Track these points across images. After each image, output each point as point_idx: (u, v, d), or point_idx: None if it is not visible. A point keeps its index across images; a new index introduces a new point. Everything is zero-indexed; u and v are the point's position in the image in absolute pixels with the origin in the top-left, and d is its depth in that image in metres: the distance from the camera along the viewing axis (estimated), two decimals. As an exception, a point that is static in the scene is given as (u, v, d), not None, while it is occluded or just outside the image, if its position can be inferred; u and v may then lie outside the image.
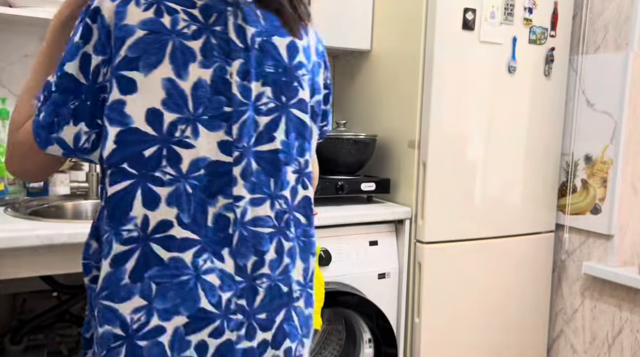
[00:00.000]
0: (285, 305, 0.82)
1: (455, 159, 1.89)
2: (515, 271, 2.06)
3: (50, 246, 1.34)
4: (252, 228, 0.79)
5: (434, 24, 1.80)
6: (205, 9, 0.76)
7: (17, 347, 1.76)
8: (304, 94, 0.84)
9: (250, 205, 0.79)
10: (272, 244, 0.81)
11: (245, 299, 0.79)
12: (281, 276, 0.82)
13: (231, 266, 0.78)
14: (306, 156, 0.85)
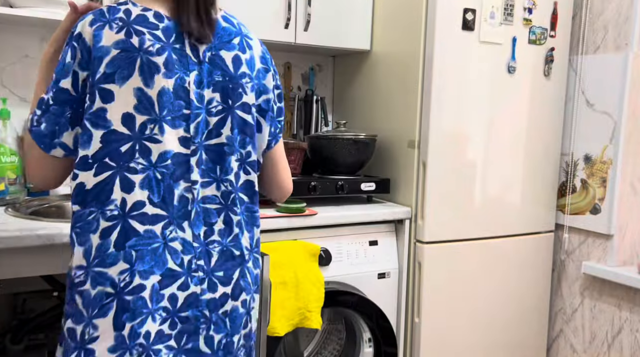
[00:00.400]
0: (239, 265, 1.05)
1: (455, 159, 1.89)
2: (515, 270, 2.07)
3: (51, 246, 1.34)
4: (203, 205, 1.01)
5: (433, 24, 1.80)
6: (166, 30, 0.96)
7: (18, 347, 1.76)
8: (248, 99, 1.04)
9: (201, 187, 1.00)
10: (220, 217, 1.03)
11: (202, 260, 1.00)
12: (232, 242, 1.04)
13: (189, 234, 0.99)
14: (248, 148, 1.06)
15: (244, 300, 1.06)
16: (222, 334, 1.02)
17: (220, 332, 1.01)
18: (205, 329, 0.99)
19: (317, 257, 1.68)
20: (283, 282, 1.58)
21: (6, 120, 1.70)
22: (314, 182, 1.81)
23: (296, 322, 1.62)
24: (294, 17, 1.94)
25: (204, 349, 0.99)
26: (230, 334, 1.03)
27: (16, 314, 1.85)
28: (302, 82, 2.33)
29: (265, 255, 1.34)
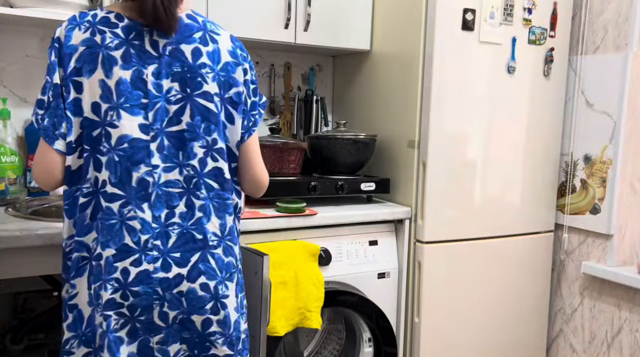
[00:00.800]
0: (200, 249, 1.10)
1: (455, 159, 1.89)
2: (514, 270, 2.07)
3: (51, 246, 1.34)
4: (165, 188, 1.08)
5: (433, 25, 1.80)
6: (126, 28, 1.07)
7: (18, 346, 1.76)
8: (208, 88, 1.10)
9: (163, 171, 1.08)
10: (181, 201, 1.09)
11: (159, 240, 1.07)
12: (194, 226, 1.10)
13: (149, 215, 1.07)
14: (213, 135, 1.11)
15: (204, 284, 1.09)
16: (178, 311, 1.08)
17: (175, 310, 1.08)
18: (159, 306, 1.07)
19: (317, 257, 1.68)
20: (283, 282, 1.58)
21: (6, 120, 1.70)
22: (314, 182, 1.81)
23: (296, 322, 1.62)
24: (294, 17, 1.94)
25: (158, 322, 1.08)
26: (187, 311, 1.08)
27: (16, 314, 1.85)
28: (302, 82, 2.33)
29: (265, 255, 1.34)
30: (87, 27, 1.07)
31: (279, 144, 1.82)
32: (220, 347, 1.13)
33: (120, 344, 1.07)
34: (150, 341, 1.09)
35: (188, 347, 1.11)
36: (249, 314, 1.37)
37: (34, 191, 1.78)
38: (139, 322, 1.07)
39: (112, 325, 1.06)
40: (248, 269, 1.36)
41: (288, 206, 1.70)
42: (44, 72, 1.87)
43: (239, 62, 1.16)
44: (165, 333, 1.09)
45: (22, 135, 1.82)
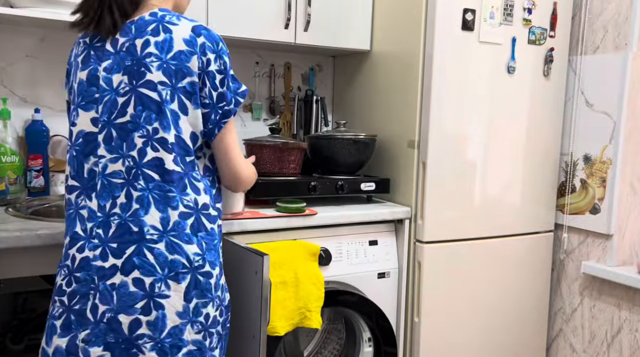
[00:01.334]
0: (136, 242, 1.08)
1: (455, 159, 1.89)
2: (514, 270, 2.07)
3: (51, 246, 1.34)
4: (110, 179, 1.11)
5: (433, 25, 1.80)
6: (94, 35, 1.15)
7: (18, 346, 1.76)
8: (152, 77, 1.09)
9: (109, 162, 1.11)
10: (122, 192, 1.10)
11: (101, 229, 1.09)
12: (131, 218, 1.09)
13: (95, 204, 1.11)
14: (154, 124, 1.09)
15: (138, 279, 1.06)
16: (107, 307, 1.06)
17: (105, 304, 1.06)
18: (93, 296, 1.07)
19: (317, 257, 1.68)
20: (283, 282, 1.58)
21: (6, 120, 1.70)
22: (313, 182, 1.81)
23: (296, 322, 1.62)
24: (294, 17, 1.94)
25: (87, 316, 1.07)
26: (115, 310, 1.06)
27: (16, 314, 1.86)
28: (302, 82, 2.33)
29: (265, 255, 1.34)
30: (77, 44, 1.19)
31: (279, 144, 1.83)
32: (148, 353, 1.06)
33: (54, 334, 1.10)
34: (77, 337, 1.08)
35: (112, 354, 1.06)
36: (249, 314, 1.37)
37: (34, 191, 1.78)
38: (72, 314, 1.08)
39: (54, 311, 1.12)
40: (248, 269, 1.37)
41: (288, 205, 1.70)
42: (44, 72, 1.87)
43: (195, 51, 1.10)
44: (92, 330, 1.07)
45: (22, 135, 1.82)
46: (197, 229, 1.12)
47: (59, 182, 1.91)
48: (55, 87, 1.89)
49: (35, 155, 1.77)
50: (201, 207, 1.14)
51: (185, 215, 1.11)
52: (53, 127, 1.87)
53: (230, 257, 1.48)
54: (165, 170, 1.09)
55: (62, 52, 1.89)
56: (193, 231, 1.12)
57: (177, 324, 1.08)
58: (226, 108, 1.15)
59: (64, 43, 1.89)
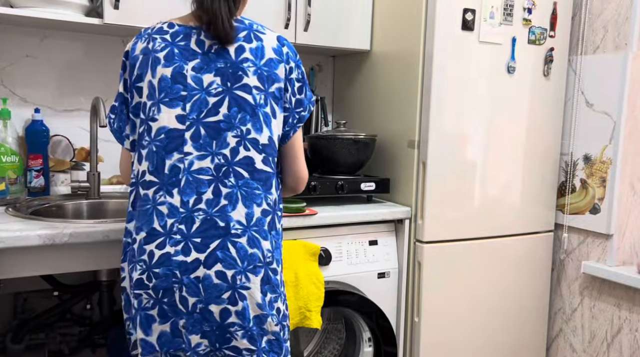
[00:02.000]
0: (221, 236, 1.11)
1: (455, 159, 1.89)
2: (514, 270, 2.07)
3: (51, 246, 1.34)
4: (196, 175, 1.13)
5: (433, 24, 1.80)
6: (174, 33, 1.18)
7: (18, 346, 1.76)
8: (248, 81, 1.16)
9: (196, 159, 1.13)
10: (209, 188, 1.13)
11: (184, 225, 1.11)
12: (218, 213, 1.12)
13: (177, 200, 1.12)
14: (248, 125, 1.15)
15: (220, 272, 1.10)
16: (196, 299, 1.11)
17: (194, 296, 1.10)
18: (178, 289, 1.10)
19: (317, 256, 1.68)
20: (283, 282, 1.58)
21: (7, 120, 1.70)
22: (314, 182, 1.81)
23: (296, 322, 1.62)
24: (294, 17, 1.94)
25: (179, 307, 1.11)
26: (204, 301, 1.11)
27: (17, 314, 1.86)
28: (302, 82, 2.33)
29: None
30: (146, 38, 1.19)
31: (279, 144, 1.82)
32: (240, 340, 1.13)
33: (153, 322, 1.12)
34: (179, 323, 1.12)
35: (209, 342, 1.13)
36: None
37: (34, 190, 1.78)
38: (164, 305, 1.12)
39: (143, 303, 1.13)
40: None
41: (288, 205, 1.70)
42: (44, 72, 1.87)
43: (282, 60, 1.20)
44: (187, 319, 1.12)
45: (23, 135, 1.82)
46: (271, 227, 1.18)
47: (59, 182, 1.91)
48: (55, 87, 1.89)
49: (35, 155, 1.78)
50: (277, 207, 1.21)
51: (266, 212, 1.17)
52: (53, 127, 1.88)
53: (230, 257, 1.48)
54: (255, 168, 1.15)
55: (62, 52, 1.89)
56: (269, 228, 1.17)
57: (258, 314, 1.14)
58: (302, 113, 1.25)
59: (64, 43, 1.89)
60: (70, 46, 1.90)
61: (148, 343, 1.14)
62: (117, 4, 1.65)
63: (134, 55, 1.20)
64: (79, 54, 1.91)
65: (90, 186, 1.79)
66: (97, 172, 1.80)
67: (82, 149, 1.93)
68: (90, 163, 1.80)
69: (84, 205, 1.78)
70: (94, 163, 1.80)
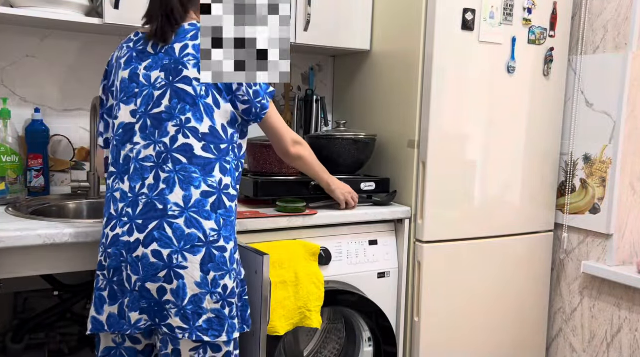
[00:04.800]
0: (158, 218, 1.19)
1: (455, 158, 1.89)
2: (514, 270, 2.07)
3: (51, 246, 1.34)
4: (142, 163, 1.24)
5: (433, 24, 1.80)
6: (137, 41, 1.33)
7: (19, 346, 1.76)
8: (188, 73, 1.25)
9: (143, 148, 1.24)
10: (151, 174, 1.22)
11: (130, 208, 1.21)
12: (157, 196, 1.21)
13: (127, 187, 1.24)
14: (188, 115, 1.24)
15: (156, 251, 1.17)
16: (137, 277, 1.18)
17: (135, 274, 1.19)
18: (125, 268, 1.20)
19: (317, 256, 1.68)
20: (283, 282, 1.58)
21: (7, 120, 1.70)
22: (314, 182, 1.81)
23: (296, 322, 1.62)
24: (294, 17, 1.94)
25: (126, 285, 1.20)
26: (142, 279, 1.18)
27: (17, 314, 1.86)
28: (302, 82, 2.33)
29: (265, 254, 1.34)
30: (119, 48, 1.35)
31: (279, 143, 1.82)
32: (173, 318, 1.18)
33: (104, 303, 1.22)
34: (124, 303, 1.21)
35: (149, 316, 1.20)
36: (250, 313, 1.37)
37: (34, 190, 1.78)
38: (115, 285, 1.21)
39: (99, 284, 1.24)
40: (248, 268, 1.37)
41: (288, 205, 1.70)
42: (44, 72, 1.87)
43: None
44: (129, 297, 1.20)
45: (23, 135, 1.82)
46: (217, 207, 1.23)
47: (59, 182, 1.91)
48: (55, 87, 1.89)
49: (35, 155, 1.78)
50: (223, 187, 1.25)
51: (207, 193, 1.22)
52: (53, 127, 1.88)
53: (230, 257, 1.48)
54: (194, 155, 1.23)
55: (62, 52, 1.89)
56: (213, 208, 1.22)
57: (197, 293, 1.18)
58: (263, 102, 1.33)
59: (64, 43, 1.89)
60: (70, 46, 1.90)
61: (98, 321, 1.23)
62: (117, 4, 1.65)
63: (111, 63, 1.37)
64: (79, 54, 1.91)
65: (90, 186, 1.79)
66: (97, 172, 1.80)
67: (82, 149, 1.93)
68: (90, 163, 1.80)
69: (84, 205, 1.78)
70: (94, 163, 1.80)
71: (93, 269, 1.48)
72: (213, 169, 1.24)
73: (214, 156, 1.25)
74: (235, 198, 1.30)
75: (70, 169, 1.91)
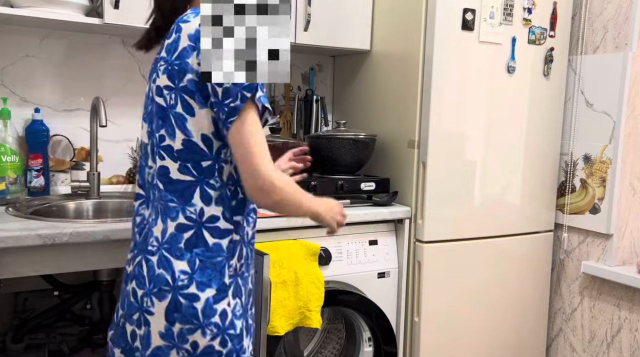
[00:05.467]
0: (141, 251, 1.05)
1: (455, 158, 1.89)
2: (514, 270, 2.07)
3: (51, 246, 1.34)
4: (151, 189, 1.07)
5: (433, 24, 1.80)
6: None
7: (18, 346, 1.76)
8: (159, 81, 1.02)
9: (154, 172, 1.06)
10: (150, 202, 1.08)
11: (138, 235, 1.09)
12: (147, 228, 1.06)
13: (147, 213, 1.08)
14: (161, 132, 1.02)
15: (134, 290, 1.03)
16: (122, 312, 1.06)
17: (122, 309, 1.07)
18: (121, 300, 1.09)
19: (317, 256, 1.68)
20: (283, 282, 1.58)
21: (7, 120, 1.70)
22: (314, 182, 1.81)
23: (296, 322, 1.62)
24: (294, 17, 1.94)
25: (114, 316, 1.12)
26: (124, 316, 1.05)
27: (17, 313, 1.86)
28: (302, 82, 2.33)
29: (265, 254, 1.34)
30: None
31: (279, 143, 1.83)
32: None
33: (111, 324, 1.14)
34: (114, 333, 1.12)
35: None
36: (249, 314, 1.36)
37: (34, 190, 1.78)
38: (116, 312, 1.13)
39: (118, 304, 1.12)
40: (248, 268, 1.37)
41: (288, 205, 1.70)
42: (44, 72, 1.87)
43: (197, 46, 0.97)
44: (115, 330, 1.10)
45: (23, 135, 1.82)
46: (192, 245, 1.01)
47: (59, 182, 1.91)
48: (55, 87, 1.89)
49: (35, 155, 1.78)
50: (206, 220, 1.01)
51: (182, 227, 1.01)
52: (53, 127, 1.88)
53: (230, 257, 1.48)
54: (170, 179, 1.02)
55: (62, 52, 1.89)
56: (187, 246, 1.00)
57: (160, 345, 0.99)
58: (232, 105, 0.96)
59: (64, 43, 1.89)
60: (70, 46, 1.90)
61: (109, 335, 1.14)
62: (117, 4, 1.65)
63: None
64: (79, 53, 1.91)
65: (90, 186, 1.79)
66: (97, 172, 1.80)
67: (82, 149, 1.93)
68: (90, 163, 1.80)
69: (84, 205, 1.78)
70: (94, 163, 1.80)
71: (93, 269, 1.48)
72: (192, 196, 1.01)
73: (193, 178, 1.01)
74: (228, 234, 1.03)
75: (70, 169, 1.91)
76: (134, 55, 1.99)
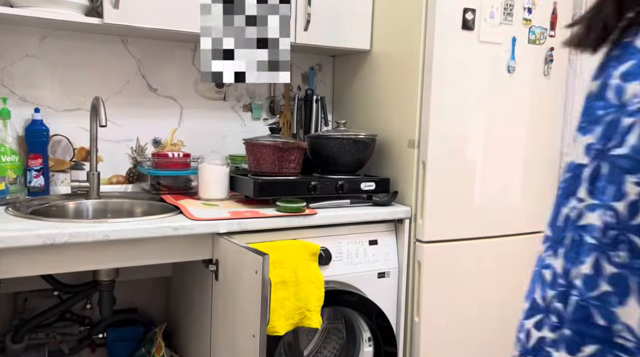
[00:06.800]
0: (598, 340, 0.63)
1: (455, 158, 1.89)
2: (514, 270, 2.07)
3: (52, 245, 1.34)
4: (581, 234, 0.71)
5: (433, 24, 1.80)
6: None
7: (18, 346, 1.76)
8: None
9: (586, 210, 0.71)
10: (589, 258, 0.69)
11: (560, 303, 0.71)
12: (596, 301, 0.66)
13: (560, 265, 0.72)
14: None
15: None
16: None
17: None
18: None
19: (317, 256, 1.68)
20: (283, 282, 1.58)
21: (6, 120, 1.70)
22: (314, 182, 1.81)
23: (296, 322, 1.62)
24: (294, 17, 1.94)
25: None
26: None
27: (17, 313, 1.86)
28: (302, 81, 2.33)
29: (266, 254, 1.34)
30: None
31: (279, 143, 1.83)
32: None
33: None
34: None
35: None
36: (249, 314, 1.37)
37: (33, 190, 1.78)
38: None
39: None
40: (248, 268, 1.37)
41: (288, 205, 1.70)
42: (44, 71, 1.87)
43: None
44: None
45: (22, 135, 1.82)
46: None
47: (59, 182, 1.91)
48: (55, 87, 1.89)
49: (35, 155, 1.78)
50: None
51: None
52: (53, 126, 1.88)
53: (231, 257, 1.48)
54: None
55: (62, 52, 1.89)
56: None
57: None
58: None
59: (64, 43, 1.89)
60: (70, 46, 1.90)
61: None
62: (117, 4, 1.65)
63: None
64: (79, 53, 1.91)
65: (90, 186, 1.79)
66: (97, 172, 1.80)
67: (82, 149, 1.93)
68: (90, 163, 1.80)
69: (83, 205, 1.78)
70: (94, 163, 1.80)
71: (93, 269, 1.48)
72: None
73: None
74: None
75: (70, 169, 1.91)
76: (134, 56, 1.99)
